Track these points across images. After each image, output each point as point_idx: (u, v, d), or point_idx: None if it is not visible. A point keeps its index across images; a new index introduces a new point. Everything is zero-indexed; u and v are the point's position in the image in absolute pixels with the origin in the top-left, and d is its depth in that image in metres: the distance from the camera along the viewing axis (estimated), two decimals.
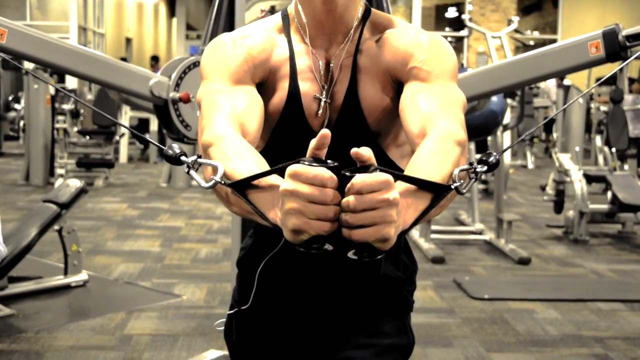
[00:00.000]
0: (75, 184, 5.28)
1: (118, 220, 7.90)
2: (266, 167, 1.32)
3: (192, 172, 1.29)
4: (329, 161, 1.19)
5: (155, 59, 16.73)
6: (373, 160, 1.17)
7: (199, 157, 1.30)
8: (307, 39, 1.62)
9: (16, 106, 13.08)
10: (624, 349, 4.35)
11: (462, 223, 7.89)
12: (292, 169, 1.16)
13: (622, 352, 4.30)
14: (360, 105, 1.58)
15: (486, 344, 4.36)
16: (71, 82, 13.90)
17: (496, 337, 4.50)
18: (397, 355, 1.69)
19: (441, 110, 1.47)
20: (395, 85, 1.60)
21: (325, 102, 1.59)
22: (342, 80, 1.60)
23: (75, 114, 11.03)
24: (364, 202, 1.14)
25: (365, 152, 1.17)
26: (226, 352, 3.88)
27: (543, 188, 9.04)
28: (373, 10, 1.66)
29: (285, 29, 1.65)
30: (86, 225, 7.36)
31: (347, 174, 1.16)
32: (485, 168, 1.30)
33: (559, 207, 7.84)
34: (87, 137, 11.25)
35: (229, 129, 1.43)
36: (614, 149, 8.96)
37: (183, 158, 1.29)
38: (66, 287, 5.26)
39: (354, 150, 1.17)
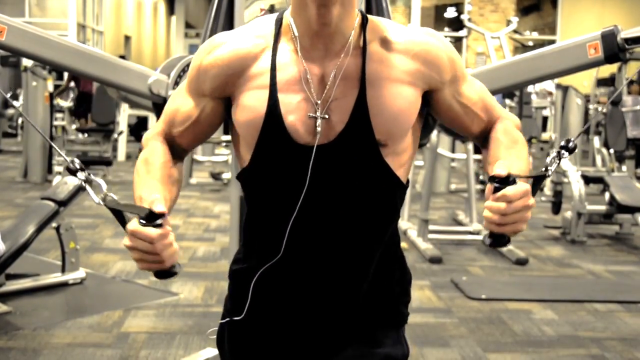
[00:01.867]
0: (73, 181, 5.28)
1: None
2: (162, 190, 1.60)
3: (87, 187, 1.57)
4: (160, 218, 1.46)
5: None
6: (510, 171, 1.48)
7: (89, 174, 1.59)
8: (299, 50, 1.56)
9: (14, 103, 13.08)
10: (621, 350, 4.36)
11: (459, 223, 7.89)
12: (129, 227, 1.46)
13: (619, 353, 4.31)
14: (369, 117, 1.54)
15: (483, 344, 4.37)
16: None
17: (493, 337, 4.50)
18: None
19: (492, 106, 1.74)
20: (420, 92, 1.61)
21: (321, 118, 1.54)
22: (347, 92, 1.55)
23: (73, 112, 11.03)
24: (512, 208, 1.45)
25: (503, 172, 1.47)
26: None
27: (541, 189, 9.05)
28: (368, 16, 1.62)
29: (275, 37, 1.60)
30: (84, 223, 7.35)
31: (496, 185, 1.47)
32: (567, 154, 1.62)
33: (556, 207, 7.85)
34: (86, 135, 11.25)
35: (160, 143, 1.72)
36: (612, 150, 8.97)
37: (79, 174, 1.57)
38: (63, 285, 5.26)
39: (495, 172, 1.47)
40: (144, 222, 1.46)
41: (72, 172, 1.59)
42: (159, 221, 1.46)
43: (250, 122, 1.57)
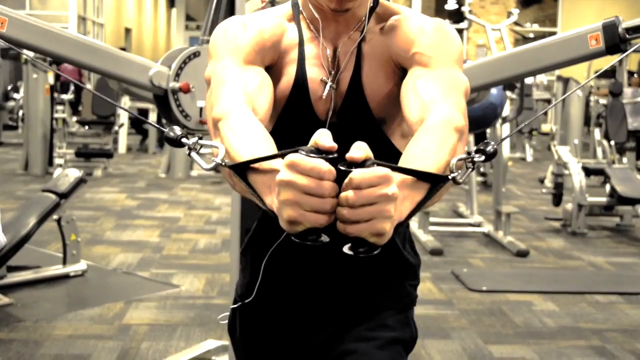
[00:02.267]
0: (74, 173, 5.29)
1: (117, 210, 7.90)
2: (272, 146, 1.33)
3: (193, 154, 1.28)
4: (330, 154, 1.15)
5: None
6: (369, 155, 1.15)
7: (200, 138, 1.30)
8: (316, 30, 1.62)
9: (15, 96, 13.07)
10: (622, 341, 4.36)
11: (460, 215, 7.90)
12: (289, 158, 1.13)
13: (620, 345, 4.32)
14: (364, 91, 1.58)
15: (484, 336, 4.37)
16: None
17: (494, 328, 4.51)
18: (400, 349, 1.68)
19: (442, 96, 1.46)
20: (399, 71, 1.59)
21: (330, 87, 1.59)
22: (348, 67, 1.60)
23: (74, 104, 11.02)
24: (362, 197, 1.12)
25: (359, 153, 1.14)
26: (224, 342, 3.89)
27: (542, 181, 9.06)
28: (380, 1, 1.66)
29: (295, 17, 1.65)
30: (85, 215, 7.36)
31: (343, 168, 1.14)
32: (483, 157, 1.27)
33: (557, 199, 7.85)
34: (86, 127, 11.25)
35: (239, 104, 1.43)
36: (612, 142, 8.96)
37: (184, 140, 1.29)
38: (65, 277, 5.26)
39: (349, 155, 1.14)
40: (311, 153, 1.15)
41: (175, 141, 1.30)
42: (332, 156, 1.15)
43: (280, 92, 1.60)
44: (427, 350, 4.13)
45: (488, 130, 8.15)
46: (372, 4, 1.65)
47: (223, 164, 1.26)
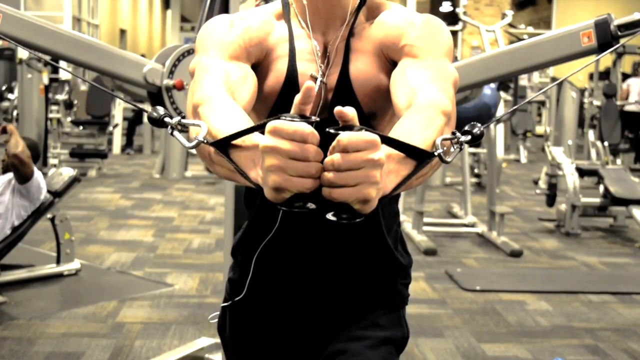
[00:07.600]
0: (68, 172, 5.29)
1: (111, 210, 7.89)
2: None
3: (175, 132, 1.27)
4: (312, 117, 1.15)
5: None
6: (357, 121, 1.14)
7: (183, 117, 1.29)
8: (305, 24, 1.62)
9: (9, 96, 13.05)
10: (614, 340, 4.38)
11: (454, 216, 7.91)
12: (272, 124, 1.12)
13: (612, 344, 4.33)
14: (352, 86, 1.58)
15: (477, 335, 4.38)
16: (65, 73, 13.88)
17: (487, 327, 4.52)
18: (391, 348, 1.67)
19: (429, 82, 1.46)
20: (390, 64, 1.59)
21: (321, 82, 1.58)
22: (337, 62, 1.60)
23: (68, 105, 11.02)
24: (349, 160, 1.11)
25: (349, 112, 1.13)
26: (217, 340, 3.89)
27: (536, 182, 9.08)
28: None
29: (286, 14, 1.64)
30: (79, 215, 7.35)
31: (331, 131, 1.12)
32: (469, 138, 1.26)
33: (551, 200, 7.86)
34: (81, 128, 11.24)
35: (219, 90, 1.43)
36: (606, 143, 8.99)
37: (167, 119, 1.28)
38: (58, 276, 5.26)
39: (337, 108, 1.13)
40: (294, 118, 1.13)
41: (157, 120, 1.29)
42: (314, 119, 1.15)
43: (270, 88, 1.59)
44: (420, 349, 4.13)
45: None
46: (360, 1, 1.64)
47: (205, 141, 1.24)
